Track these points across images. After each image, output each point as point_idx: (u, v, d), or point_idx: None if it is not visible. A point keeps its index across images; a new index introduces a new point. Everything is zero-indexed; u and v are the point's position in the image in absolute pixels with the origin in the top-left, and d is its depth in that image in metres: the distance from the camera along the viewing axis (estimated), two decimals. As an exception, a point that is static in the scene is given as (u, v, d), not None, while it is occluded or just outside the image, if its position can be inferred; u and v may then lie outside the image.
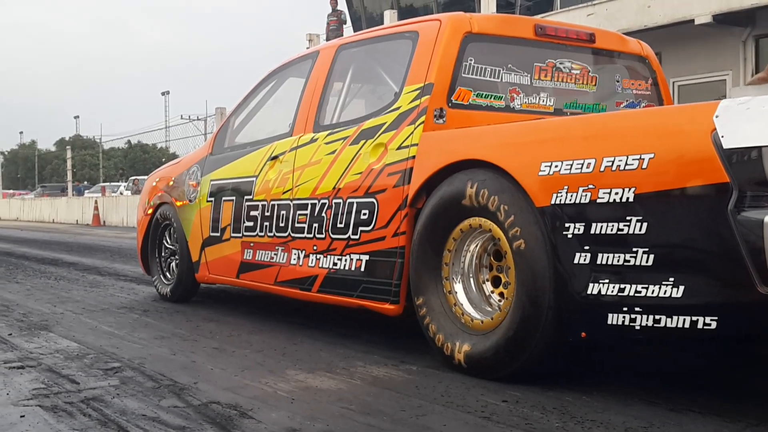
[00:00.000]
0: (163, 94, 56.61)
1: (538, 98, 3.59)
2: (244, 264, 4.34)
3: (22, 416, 2.68)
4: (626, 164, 2.42)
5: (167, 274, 5.31)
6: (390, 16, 19.34)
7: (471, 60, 3.40)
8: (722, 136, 2.21)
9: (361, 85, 4.02)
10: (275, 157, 4.14)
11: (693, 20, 12.82)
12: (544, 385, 3.03)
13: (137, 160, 51.03)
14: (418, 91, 3.39)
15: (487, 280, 3.08)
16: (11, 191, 40.10)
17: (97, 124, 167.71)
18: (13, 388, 3.04)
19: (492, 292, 3.07)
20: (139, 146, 51.92)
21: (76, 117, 66.19)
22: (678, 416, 2.66)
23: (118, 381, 3.13)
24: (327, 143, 3.79)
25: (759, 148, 2.13)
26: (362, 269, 3.51)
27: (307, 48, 18.44)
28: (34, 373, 3.29)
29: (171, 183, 5.20)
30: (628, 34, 13.49)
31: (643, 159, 2.39)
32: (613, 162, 2.47)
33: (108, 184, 37.60)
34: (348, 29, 21.12)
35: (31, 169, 57.64)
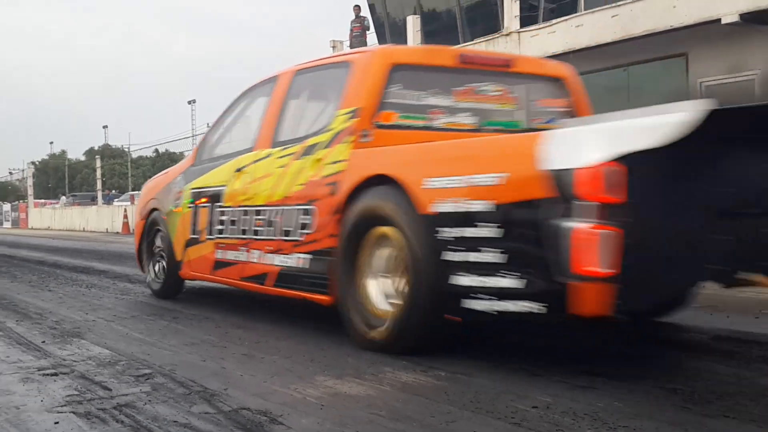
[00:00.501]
0: (189, 102, 57.32)
1: (459, 118, 4.09)
2: (217, 262, 4.96)
3: (56, 423, 2.71)
4: (488, 181, 3.04)
5: (158, 273, 5.94)
6: (413, 22, 19.34)
7: (396, 86, 3.98)
8: (547, 160, 2.84)
9: (309, 106, 4.58)
10: (240, 169, 4.77)
11: (720, 19, 12.66)
12: (574, 391, 3.00)
13: (165, 168, 51.89)
14: (348, 114, 3.98)
15: (395, 277, 3.63)
16: (42, 201, 40.66)
17: (125, 134, 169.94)
18: (47, 395, 3.08)
19: (397, 287, 3.62)
20: (166, 154, 52.47)
21: (105, 127, 67.03)
22: (713, 421, 2.63)
23: (150, 387, 3.15)
24: (279, 158, 4.41)
25: (569, 169, 2.74)
26: (305, 266, 4.14)
27: (332, 53, 19.31)
28: (68, 380, 3.33)
29: (161, 191, 5.90)
30: (654, 35, 13.47)
31: (502, 177, 3.00)
32: (475, 178, 3.10)
33: (137, 192, 38.05)
34: (371, 36, 21.18)
35: (61, 179, 58.45)
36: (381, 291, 3.74)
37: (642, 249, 2.77)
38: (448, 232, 3.25)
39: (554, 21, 15.37)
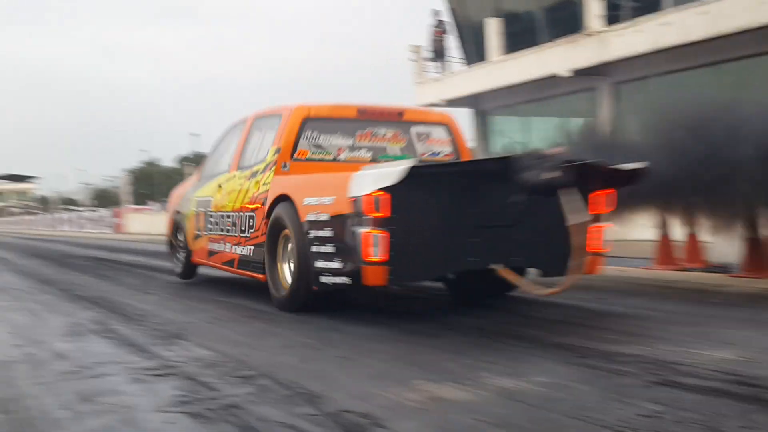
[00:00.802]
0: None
1: (359, 153, 5.95)
2: (209, 251, 6.96)
3: (167, 422, 2.78)
4: (327, 201, 4.84)
5: (180, 260, 7.95)
6: (493, 25, 19.18)
7: (309, 132, 5.84)
8: (351, 190, 4.58)
9: (259, 142, 6.31)
10: (220, 185, 6.78)
11: (816, 13, 12.09)
12: (684, 399, 2.92)
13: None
14: (275, 150, 5.85)
15: (292, 262, 5.38)
16: (135, 206, 42.12)
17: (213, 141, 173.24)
18: (156, 395, 3.16)
19: (292, 269, 5.38)
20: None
21: (195, 135, 68.15)
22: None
23: (254, 388, 3.20)
24: (240, 178, 6.36)
25: (359, 196, 4.51)
26: (251, 254, 5.96)
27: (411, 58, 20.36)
28: (175, 380, 3.41)
29: (181, 198, 7.96)
30: (741, 33, 12.91)
31: (333, 199, 4.78)
32: (323, 199, 4.90)
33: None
34: (451, 39, 21.09)
35: (155, 185, 60.38)
36: (287, 271, 5.49)
37: (403, 245, 4.53)
38: (313, 233, 5.00)
39: (640, 19, 14.97)
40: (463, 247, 4.79)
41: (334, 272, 4.84)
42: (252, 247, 5.98)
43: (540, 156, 4.62)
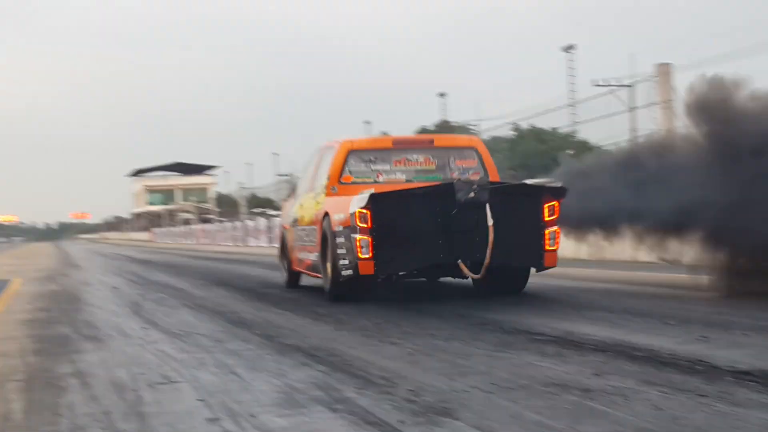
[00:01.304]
0: (565, 50, 56.86)
1: (395, 176, 11.90)
2: (299, 259, 13.18)
3: None
4: (343, 216, 10.79)
5: (286, 269, 14.12)
6: None
7: (352, 161, 11.94)
8: (350, 208, 10.63)
9: (324, 168, 12.46)
10: (302, 204, 13.14)
11: None
12: None
13: (531, 152, 52.21)
14: (327, 177, 12.07)
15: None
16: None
17: (469, 104, 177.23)
18: None
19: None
20: (532, 132, 53.28)
21: (442, 95, 68.35)
22: None
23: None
24: (311, 198, 12.66)
25: (352, 213, 10.55)
26: (318, 260, 11.84)
27: None
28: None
29: (284, 213, 14.62)
30: None
31: (344, 214, 10.75)
32: (340, 216, 10.89)
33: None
34: None
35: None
36: (329, 269, 11.15)
37: (384, 246, 10.33)
38: (337, 240, 10.71)
39: None
40: (433, 247, 10.49)
41: (345, 267, 10.53)
42: (318, 254, 11.69)
43: (466, 181, 10.68)
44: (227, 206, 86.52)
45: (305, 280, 13.50)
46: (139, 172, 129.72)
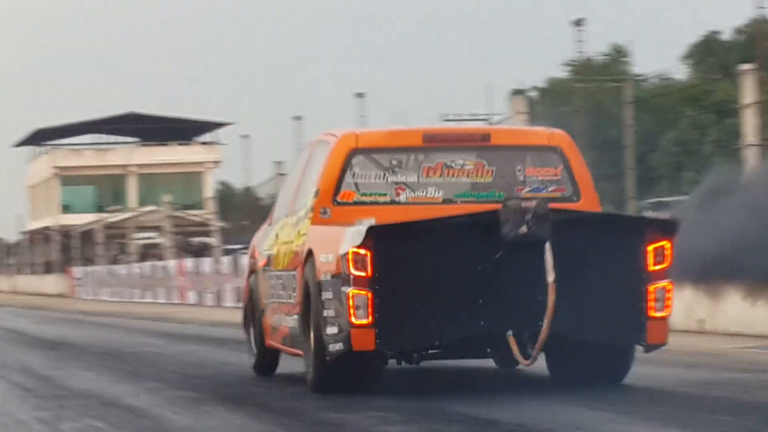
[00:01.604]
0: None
1: (426, 191, 7.86)
2: (272, 327, 9.63)
3: None
4: (331, 258, 7.56)
5: (253, 343, 10.78)
6: None
7: (358, 167, 7.87)
8: (341, 245, 7.46)
9: (311, 177, 8.73)
10: (277, 234, 9.44)
11: None
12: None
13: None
14: (315, 193, 8.13)
15: None
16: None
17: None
18: None
19: None
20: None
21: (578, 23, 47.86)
22: None
23: None
24: (290, 226, 8.98)
25: (344, 253, 7.37)
26: (297, 326, 8.55)
27: None
28: None
29: (255, 249, 10.72)
30: None
31: (334, 255, 7.49)
32: (329, 256, 7.59)
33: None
34: None
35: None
36: (313, 341, 8.19)
37: (391, 306, 7.00)
38: (323, 296, 7.65)
39: None
40: (468, 310, 7.12)
41: (334, 339, 7.35)
42: (296, 317, 8.22)
43: (515, 208, 7.11)
44: (236, 215, 50.70)
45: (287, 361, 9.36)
46: (39, 138, 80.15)
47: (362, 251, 7.01)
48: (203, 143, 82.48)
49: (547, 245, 7.00)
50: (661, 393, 7.94)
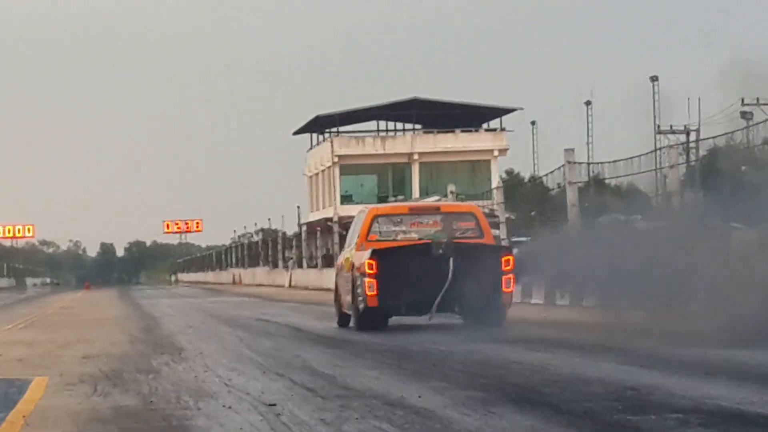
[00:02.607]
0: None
1: (409, 234, 20.76)
2: (343, 300, 23.30)
3: None
4: (358, 264, 20.75)
5: (337, 312, 24.38)
6: None
7: (377, 223, 21.31)
8: (360, 260, 21.16)
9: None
10: (347, 257, 22.45)
11: None
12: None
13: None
14: (358, 236, 21.95)
15: None
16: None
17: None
18: None
19: None
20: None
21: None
22: None
23: None
24: (351, 252, 22.09)
25: (362, 263, 21.08)
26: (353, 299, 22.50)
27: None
28: None
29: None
30: None
31: (358, 263, 20.80)
32: (357, 264, 20.89)
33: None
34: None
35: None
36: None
37: (385, 287, 19.13)
38: (357, 281, 20.00)
39: None
40: (416, 288, 18.80)
41: (360, 300, 19.22)
42: (349, 295, 20.14)
43: (437, 241, 19.28)
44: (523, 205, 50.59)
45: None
46: (319, 125, 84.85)
47: (370, 260, 18.46)
48: (488, 130, 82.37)
49: (451, 259, 18.04)
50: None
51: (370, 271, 17.93)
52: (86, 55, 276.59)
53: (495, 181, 65.57)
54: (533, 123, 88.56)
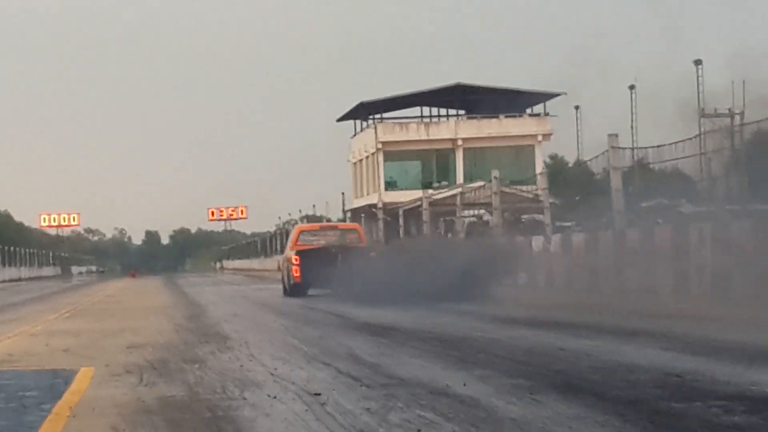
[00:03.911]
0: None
1: (320, 242, 39.58)
2: (284, 278, 42.55)
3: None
4: (290, 256, 39.96)
5: (283, 286, 42.74)
6: None
7: (303, 235, 41.08)
8: (290, 255, 41.30)
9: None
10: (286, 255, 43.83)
11: None
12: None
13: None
14: (290, 244, 41.87)
15: None
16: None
17: None
18: None
19: None
20: None
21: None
22: None
23: None
24: (288, 250, 43.09)
25: (290, 256, 41.05)
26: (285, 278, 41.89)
27: None
28: None
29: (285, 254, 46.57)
30: None
31: (289, 256, 40.75)
32: (287, 256, 42.14)
33: None
34: None
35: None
36: (285, 281, 40.74)
37: (305, 272, 36.31)
38: (288, 267, 38.82)
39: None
40: (318, 273, 33.84)
41: (289, 279, 36.05)
42: (286, 276, 37.46)
43: (328, 246, 36.48)
44: (568, 191, 50.11)
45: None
46: (363, 112, 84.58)
47: (295, 256, 34.40)
48: (531, 115, 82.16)
49: (339, 257, 32.69)
50: None
51: (296, 263, 33.68)
52: (131, 44, 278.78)
53: (539, 167, 65.84)
54: (577, 108, 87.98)
